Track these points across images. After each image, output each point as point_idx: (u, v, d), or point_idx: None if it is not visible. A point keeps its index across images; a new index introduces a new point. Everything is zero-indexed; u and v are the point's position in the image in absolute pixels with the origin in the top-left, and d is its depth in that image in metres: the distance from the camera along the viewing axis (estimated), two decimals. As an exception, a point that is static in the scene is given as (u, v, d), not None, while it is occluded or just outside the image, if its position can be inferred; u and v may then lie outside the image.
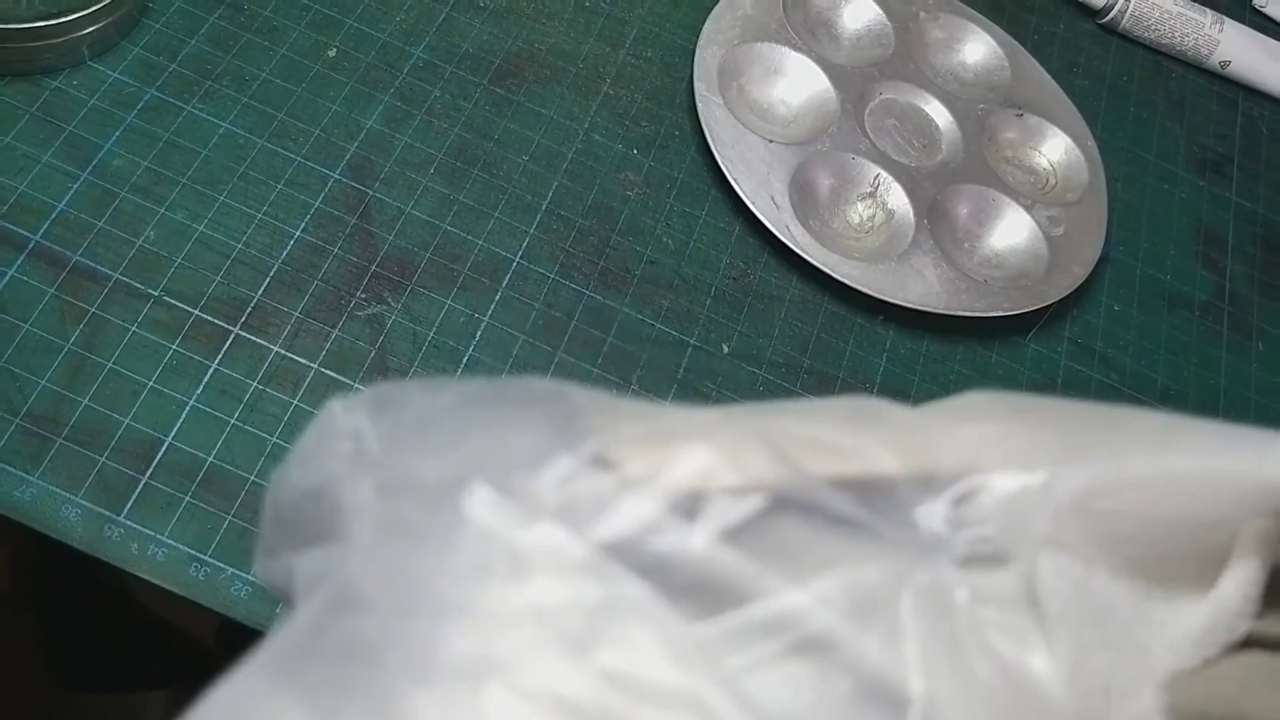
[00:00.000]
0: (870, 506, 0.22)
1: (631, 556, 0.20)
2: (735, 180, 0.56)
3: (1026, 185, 0.62)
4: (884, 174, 0.59)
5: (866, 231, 0.59)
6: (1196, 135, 0.71)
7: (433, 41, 0.59)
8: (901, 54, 0.64)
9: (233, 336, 0.48)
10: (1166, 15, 0.71)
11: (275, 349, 0.49)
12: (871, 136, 0.60)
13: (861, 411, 0.26)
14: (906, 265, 0.56)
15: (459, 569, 0.19)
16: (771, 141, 0.58)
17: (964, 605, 0.21)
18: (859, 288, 0.55)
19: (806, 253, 0.55)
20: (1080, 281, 0.59)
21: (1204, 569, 0.24)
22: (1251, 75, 0.73)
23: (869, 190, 0.59)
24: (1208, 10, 0.72)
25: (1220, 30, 0.71)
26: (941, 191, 0.59)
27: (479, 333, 0.51)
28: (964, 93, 0.65)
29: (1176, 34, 0.71)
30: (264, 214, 0.51)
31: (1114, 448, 0.24)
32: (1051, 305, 0.58)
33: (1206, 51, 0.71)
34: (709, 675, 0.18)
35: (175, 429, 0.46)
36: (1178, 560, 0.24)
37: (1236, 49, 0.71)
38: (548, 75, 0.60)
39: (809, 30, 0.64)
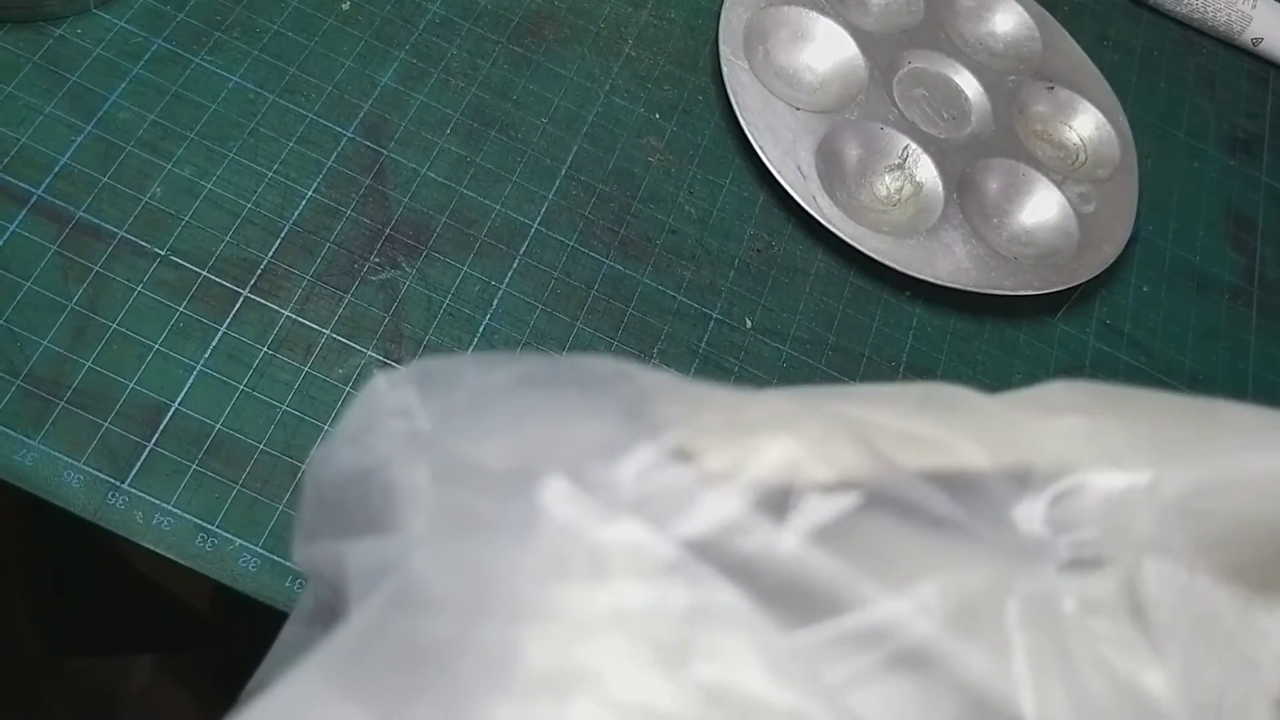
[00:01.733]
0: (964, 504, 0.20)
1: (716, 557, 0.19)
2: (761, 148, 0.55)
3: (1056, 160, 0.61)
4: (913, 145, 0.57)
5: (894, 204, 0.57)
6: (1227, 113, 0.69)
7: (449, -4, 0.56)
8: (931, 22, 0.62)
9: (242, 299, 0.46)
10: (1199, -11, 0.69)
11: (286, 313, 0.47)
12: (900, 106, 0.58)
13: (936, 399, 0.24)
14: (935, 240, 0.55)
15: (535, 568, 0.18)
16: (798, 109, 0.56)
17: (1072, 615, 0.19)
18: (887, 262, 0.53)
19: (833, 225, 0.53)
20: (1111, 261, 0.57)
21: (1303, 575, 0.23)
22: (1284, 53, 0.71)
23: (897, 161, 0.57)
24: (1240, -15, 0.70)
25: (1253, 6, 0.69)
26: (971, 165, 0.58)
27: (496, 301, 0.50)
28: (994, 63, 0.63)
29: (1209, 9, 0.69)
30: (275, 172, 0.49)
31: (1215, 444, 0.22)
32: (1082, 285, 0.56)
33: (1239, 28, 0.70)
34: (812, 691, 0.17)
35: (182, 394, 0.44)
36: (1277, 565, 0.22)
37: (1269, 26, 0.70)
38: (568, 35, 0.58)
39: (837, -6, 0.62)
